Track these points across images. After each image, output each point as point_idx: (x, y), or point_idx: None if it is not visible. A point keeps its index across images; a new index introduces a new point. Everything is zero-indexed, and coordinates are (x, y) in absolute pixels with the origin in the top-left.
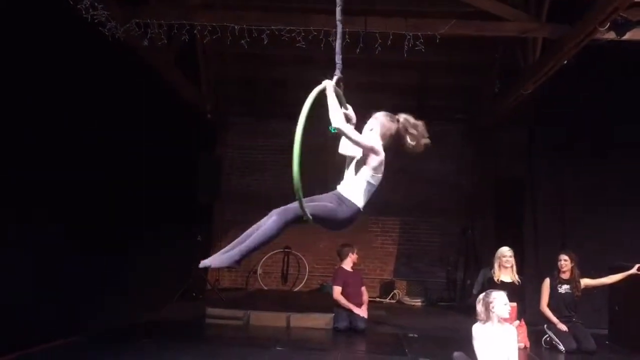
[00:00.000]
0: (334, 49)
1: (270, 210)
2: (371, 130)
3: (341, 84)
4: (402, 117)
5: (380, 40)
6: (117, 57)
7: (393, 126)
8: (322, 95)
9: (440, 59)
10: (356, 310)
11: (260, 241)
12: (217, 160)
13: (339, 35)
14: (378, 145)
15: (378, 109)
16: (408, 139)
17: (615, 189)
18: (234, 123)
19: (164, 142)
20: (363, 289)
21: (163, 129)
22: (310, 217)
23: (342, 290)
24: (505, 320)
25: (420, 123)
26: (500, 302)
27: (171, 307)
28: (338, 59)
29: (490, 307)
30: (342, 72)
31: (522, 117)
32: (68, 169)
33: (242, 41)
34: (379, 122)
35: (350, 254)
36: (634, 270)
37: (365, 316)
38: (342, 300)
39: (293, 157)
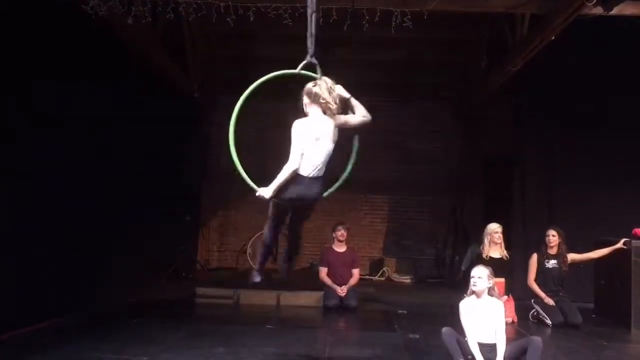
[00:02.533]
0: (319, 27)
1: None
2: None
3: (318, 68)
4: (322, 79)
5: (367, 17)
6: (100, 36)
7: (314, 89)
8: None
9: (428, 36)
10: (338, 291)
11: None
12: (204, 140)
13: (310, 20)
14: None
15: (365, 86)
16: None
17: (602, 165)
18: (221, 102)
19: (151, 122)
20: (355, 271)
21: (149, 109)
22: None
23: (328, 270)
24: (491, 294)
25: (337, 87)
26: (474, 275)
27: (161, 286)
28: (309, 42)
29: (470, 281)
30: (314, 56)
31: (511, 94)
32: (53, 148)
33: (228, 19)
34: (304, 92)
35: (333, 233)
36: (619, 245)
37: (342, 294)
38: (326, 281)
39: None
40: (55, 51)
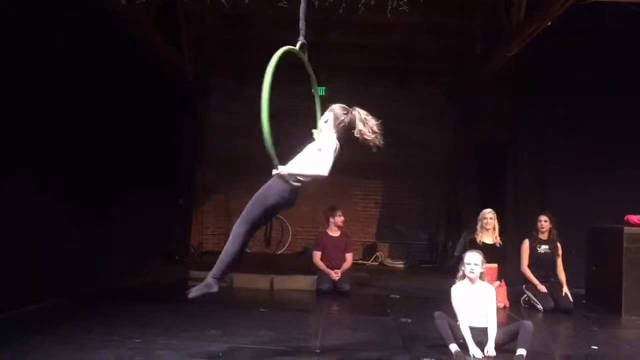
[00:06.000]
0: (314, 10)
1: (252, 175)
2: (326, 122)
3: (305, 49)
4: (356, 110)
5: (363, 0)
6: (93, 17)
7: (346, 118)
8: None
9: (424, 21)
10: (332, 275)
11: (228, 251)
12: (199, 125)
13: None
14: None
15: (360, 71)
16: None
17: (595, 152)
18: (216, 86)
19: (145, 106)
20: (348, 255)
21: (143, 93)
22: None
23: (322, 254)
24: (482, 279)
25: (371, 118)
26: (467, 262)
27: (154, 270)
28: (302, 24)
29: (466, 268)
30: (305, 38)
31: (506, 80)
32: (47, 131)
33: (223, 0)
34: (332, 114)
35: (330, 218)
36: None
37: (336, 279)
38: (321, 266)
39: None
40: (47, 33)
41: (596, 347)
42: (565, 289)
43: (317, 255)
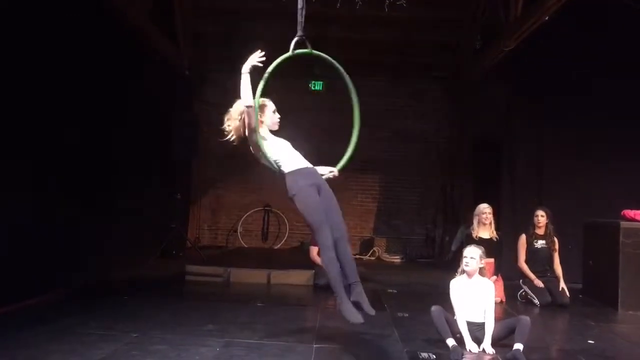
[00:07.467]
0: (311, 5)
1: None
2: None
3: (307, 43)
4: None
5: None
6: (89, 10)
7: None
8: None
9: (422, 15)
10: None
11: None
12: (195, 118)
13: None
14: None
15: (358, 65)
16: None
17: (592, 147)
18: (213, 79)
19: (141, 99)
20: None
21: (138, 85)
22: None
23: (319, 249)
24: (481, 274)
25: None
26: (464, 255)
27: (151, 264)
28: (300, 20)
29: (463, 261)
30: (302, 31)
31: (503, 75)
32: (43, 126)
33: None
34: None
35: None
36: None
37: None
38: (318, 260)
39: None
40: (43, 27)
41: (592, 342)
42: (562, 284)
43: (313, 250)
